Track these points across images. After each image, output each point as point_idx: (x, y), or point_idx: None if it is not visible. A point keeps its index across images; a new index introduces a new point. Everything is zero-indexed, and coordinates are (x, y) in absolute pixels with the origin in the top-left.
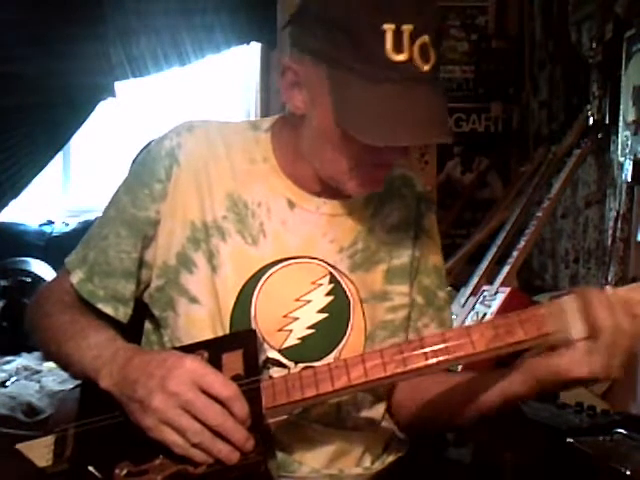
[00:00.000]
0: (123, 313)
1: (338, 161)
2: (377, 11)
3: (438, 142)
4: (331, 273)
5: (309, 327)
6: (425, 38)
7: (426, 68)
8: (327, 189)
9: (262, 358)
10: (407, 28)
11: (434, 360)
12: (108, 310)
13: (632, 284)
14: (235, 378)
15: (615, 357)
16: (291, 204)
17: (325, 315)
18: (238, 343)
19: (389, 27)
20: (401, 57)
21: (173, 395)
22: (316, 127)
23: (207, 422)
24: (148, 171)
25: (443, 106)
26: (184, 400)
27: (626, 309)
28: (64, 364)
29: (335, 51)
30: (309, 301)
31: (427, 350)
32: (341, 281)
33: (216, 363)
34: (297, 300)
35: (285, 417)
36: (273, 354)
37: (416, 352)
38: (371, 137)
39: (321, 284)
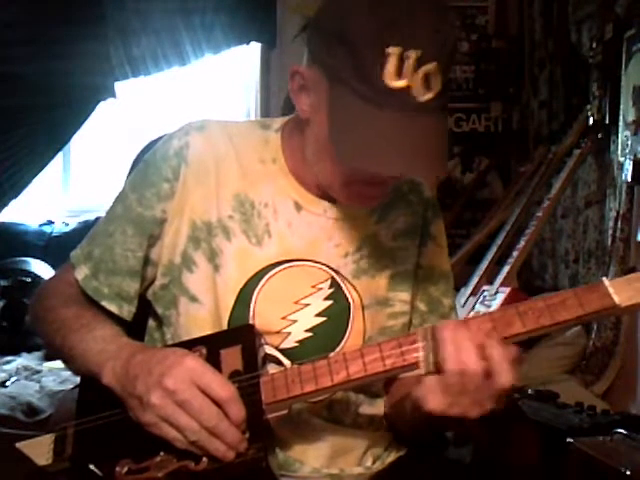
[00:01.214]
0: (127, 311)
1: (333, 172)
2: (385, 33)
3: (427, 176)
4: (333, 277)
5: (307, 330)
6: (431, 66)
7: (426, 97)
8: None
9: (261, 354)
10: (413, 54)
11: None
12: (112, 308)
13: (629, 274)
14: (234, 374)
15: (463, 395)
16: (298, 206)
17: (323, 319)
18: (236, 339)
19: (394, 51)
20: (400, 83)
21: (171, 393)
22: (317, 134)
23: (202, 422)
24: (156, 170)
25: (440, 137)
26: (181, 398)
27: (480, 343)
28: (67, 357)
29: (338, 66)
30: (308, 304)
31: (425, 343)
32: (342, 286)
33: (214, 359)
34: (296, 303)
35: (285, 412)
36: (272, 351)
37: (414, 345)
38: (352, 159)
39: (321, 288)
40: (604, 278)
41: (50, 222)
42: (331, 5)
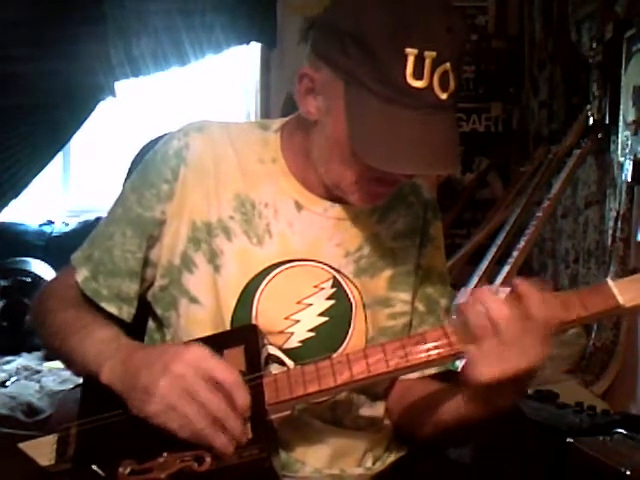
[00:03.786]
0: (127, 312)
1: (344, 172)
2: (402, 34)
3: (444, 173)
4: (334, 277)
5: (310, 330)
6: (447, 66)
7: (444, 96)
8: (334, 193)
9: (264, 355)
10: (430, 55)
11: (435, 355)
12: (112, 309)
13: (633, 275)
14: None
15: (511, 347)
16: (298, 206)
17: (325, 319)
18: (239, 339)
19: (412, 52)
20: (420, 84)
21: (178, 377)
22: (327, 136)
23: (208, 408)
24: (155, 171)
25: (455, 135)
26: (188, 383)
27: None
28: (67, 360)
29: (355, 68)
30: (310, 304)
31: (429, 345)
32: (344, 285)
33: None
34: (299, 303)
35: (288, 413)
36: (275, 351)
37: (418, 347)
38: (379, 161)
39: (323, 288)
40: (608, 279)
41: (50, 222)
42: (342, 5)
